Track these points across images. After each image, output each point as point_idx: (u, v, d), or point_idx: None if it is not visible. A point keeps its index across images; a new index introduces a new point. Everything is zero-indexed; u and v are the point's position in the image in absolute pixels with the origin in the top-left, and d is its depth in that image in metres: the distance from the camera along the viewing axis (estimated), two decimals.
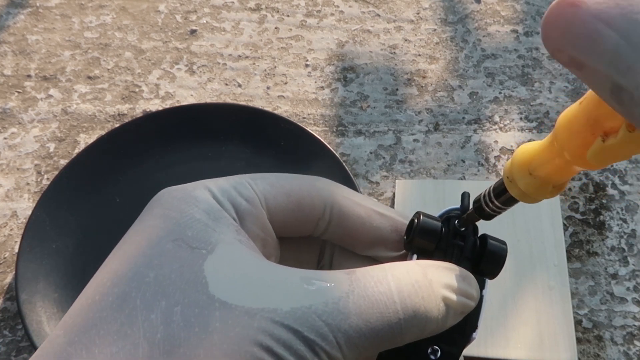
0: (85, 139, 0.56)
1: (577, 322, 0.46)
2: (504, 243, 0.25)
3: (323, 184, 0.25)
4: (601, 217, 0.51)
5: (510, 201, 0.22)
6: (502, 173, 0.22)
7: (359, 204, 0.25)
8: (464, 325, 0.23)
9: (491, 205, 0.23)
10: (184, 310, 0.19)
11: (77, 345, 0.18)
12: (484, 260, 0.25)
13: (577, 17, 0.15)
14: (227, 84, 0.59)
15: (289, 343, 0.19)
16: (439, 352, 0.23)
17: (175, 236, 0.20)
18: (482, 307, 0.24)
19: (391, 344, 0.21)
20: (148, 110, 0.57)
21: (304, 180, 0.25)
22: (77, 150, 0.55)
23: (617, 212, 0.51)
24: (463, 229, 0.25)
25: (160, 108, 0.57)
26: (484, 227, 0.26)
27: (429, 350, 0.23)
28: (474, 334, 0.24)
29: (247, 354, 0.18)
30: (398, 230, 0.26)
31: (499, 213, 0.23)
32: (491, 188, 0.23)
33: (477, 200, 0.24)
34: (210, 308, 0.19)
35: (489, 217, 0.24)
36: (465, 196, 0.26)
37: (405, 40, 0.62)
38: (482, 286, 0.24)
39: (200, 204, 0.21)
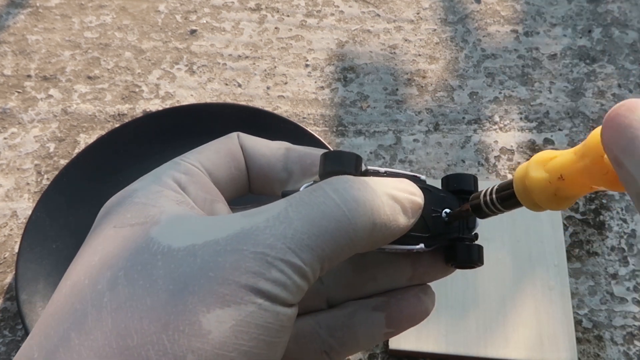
0: (85, 139, 0.56)
1: (577, 322, 0.46)
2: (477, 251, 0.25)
3: (240, 137, 0.25)
4: (601, 217, 0.51)
5: (512, 202, 0.22)
6: (501, 173, 0.22)
7: (267, 145, 0.25)
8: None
9: (490, 203, 0.22)
10: (127, 272, 0.19)
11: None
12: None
13: (628, 120, 0.16)
14: (227, 84, 0.59)
15: (237, 264, 0.19)
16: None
17: (115, 223, 0.21)
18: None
19: (352, 243, 0.20)
20: (148, 110, 0.57)
21: (223, 141, 0.25)
22: (77, 150, 0.55)
23: (617, 212, 0.51)
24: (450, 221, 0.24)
25: (160, 108, 0.57)
26: (484, 226, 0.26)
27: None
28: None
29: (195, 287, 0.18)
30: (307, 159, 0.25)
31: (496, 213, 0.23)
32: (496, 185, 0.22)
33: (475, 197, 0.23)
34: (152, 261, 0.19)
35: (485, 215, 0.23)
36: (452, 180, 0.25)
37: (405, 40, 0.62)
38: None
39: (138, 191, 0.22)
